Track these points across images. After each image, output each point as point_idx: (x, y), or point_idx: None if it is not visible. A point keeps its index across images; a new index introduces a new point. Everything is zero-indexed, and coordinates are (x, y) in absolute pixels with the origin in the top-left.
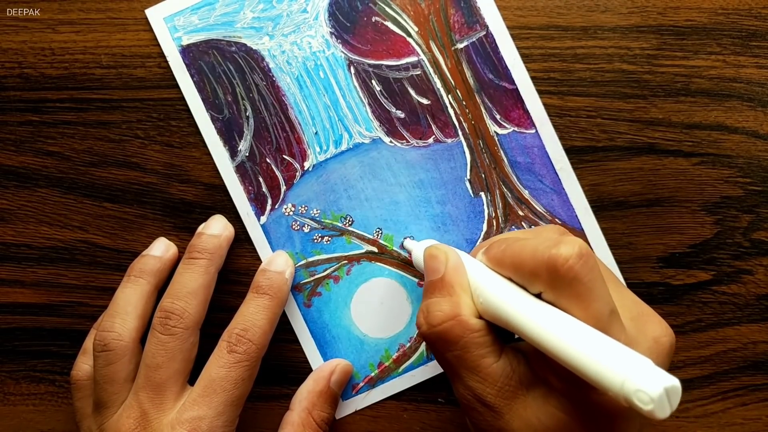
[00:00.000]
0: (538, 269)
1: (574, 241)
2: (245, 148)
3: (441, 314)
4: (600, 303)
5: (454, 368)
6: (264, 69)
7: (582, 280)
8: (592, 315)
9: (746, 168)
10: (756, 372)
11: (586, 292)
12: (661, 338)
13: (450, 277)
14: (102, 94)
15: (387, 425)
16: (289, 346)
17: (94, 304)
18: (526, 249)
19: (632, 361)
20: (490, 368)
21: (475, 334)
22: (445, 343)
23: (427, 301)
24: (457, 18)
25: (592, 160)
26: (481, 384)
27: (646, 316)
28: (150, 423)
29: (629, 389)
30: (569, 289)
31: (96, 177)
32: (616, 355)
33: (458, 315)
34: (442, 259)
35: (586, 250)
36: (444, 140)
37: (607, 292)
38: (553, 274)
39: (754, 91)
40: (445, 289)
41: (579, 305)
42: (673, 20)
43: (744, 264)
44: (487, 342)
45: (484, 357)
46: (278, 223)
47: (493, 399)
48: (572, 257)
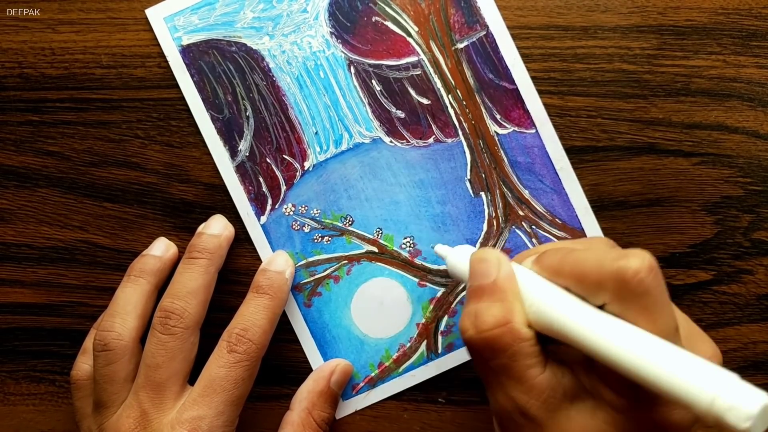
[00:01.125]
0: (605, 280)
1: (642, 253)
2: (245, 148)
3: (492, 319)
4: (668, 318)
5: (497, 377)
6: (264, 69)
7: (651, 293)
8: (660, 329)
9: (746, 168)
10: (756, 372)
11: (655, 306)
12: (711, 358)
13: (503, 282)
14: (102, 94)
15: (387, 425)
16: (289, 346)
17: (94, 304)
18: (589, 259)
19: (721, 378)
20: (536, 379)
21: (526, 343)
22: (492, 350)
23: (476, 305)
24: (457, 18)
25: (592, 160)
26: (526, 395)
27: (698, 335)
28: (150, 423)
29: (721, 406)
30: (637, 302)
31: (96, 177)
32: (702, 370)
33: (510, 322)
34: (494, 263)
35: (655, 263)
36: (444, 140)
37: (672, 308)
38: (621, 286)
39: (754, 91)
40: (497, 294)
41: (647, 319)
42: (673, 20)
43: (744, 264)
44: (536, 352)
45: (531, 367)
46: (278, 223)
47: (537, 411)
48: (643, 270)
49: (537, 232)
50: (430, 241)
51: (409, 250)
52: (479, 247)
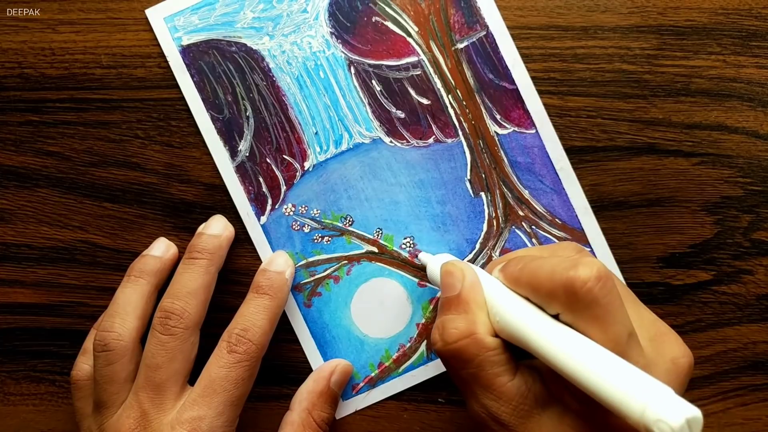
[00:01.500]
0: (556, 290)
1: (592, 262)
2: (245, 148)
3: (456, 332)
4: (619, 326)
5: (468, 386)
6: (264, 69)
7: (600, 302)
8: (610, 338)
9: (746, 168)
10: (756, 372)
11: (605, 315)
12: (679, 359)
13: (466, 294)
14: (102, 94)
15: (387, 425)
16: (289, 346)
17: (94, 304)
18: (543, 269)
19: (653, 389)
20: (505, 387)
21: (491, 352)
22: (460, 360)
23: (443, 318)
24: (457, 18)
25: (592, 160)
26: (496, 402)
27: (665, 335)
28: (150, 423)
29: (649, 418)
30: (587, 312)
31: (96, 177)
32: (636, 382)
33: (474, 333)
34: (458, 276)
35: (604, 272)
36: (444, 140)
37: (626, 315)
38: (571, 296)
39: (754, 91)
40: (461, 307)
41: (597, 328)
42: (673, 20)
43: (744, 264)
44: (503, 360)
45: (499, 375)
46: (278, 223)
47: (508, 417)
48: (591, 279)
49: (537, 233)
50: (430, 242)
51: (409, 250)
52: (479, 247)
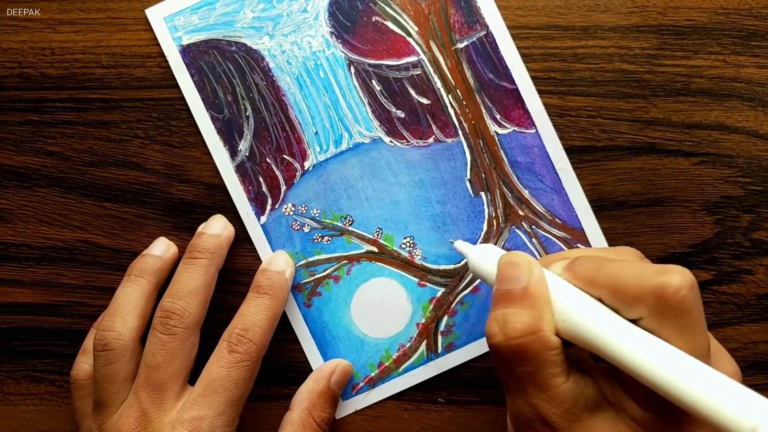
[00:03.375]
0: (644, 295)
1: (683, 270)
2: (245, 148)
3: (521, 327)
4: (703, 337)
5: (521, 384)
6: (264, 69)
7: (691, 312)
8: (695, 348)
9: (746, 168)
10: (756, 372)
11: (693, 325)
12: (734, 376)
13: (534, 288)
14: (102, 94)
15: (387, 425)
16: (289, 346)
17: (94, 304)
18: (626, 271)
19: (748, 398)
20: (560, 388)
21: (553, 351)
22: (520, 357)
23: (504, 311)
24: (457, 18)
25: (592, 159)
26: (548, 403)
27: (720, 351)
28: (150, 423)
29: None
30: (676, 320)
31: (96, 177)
32: (744, 397)
33: (540, 330)
34: (525, 269)
35: (695, 281)
36: (444, 140)
37: (706, 327)
38: (661, 302)
39: (754, 90)
40: (528, 301)
41: (684, 337)
42: (673, 20)
43: (744, 264)
44: (561, 361)
45: (556, 376)
46: (278, 222)
47: (557, 419)
48: (684, 287)
49: (537, 232)
50: (430, 241)
51: (409, 250)
52: None
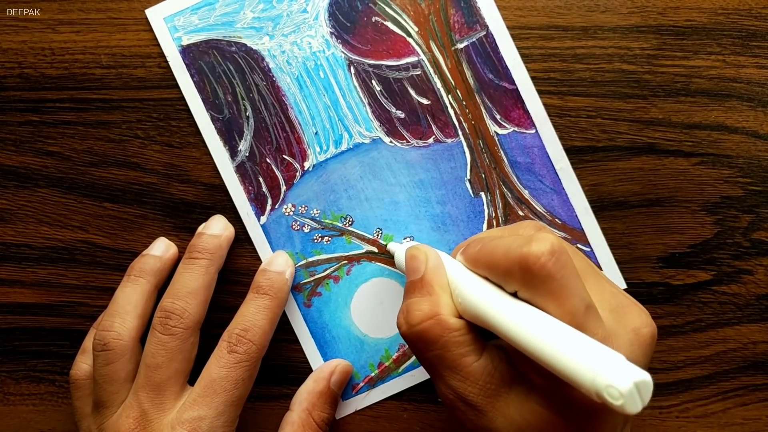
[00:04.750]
0: (512, 268)
1: (546, 237)
2: (245, 148)
3: (420, 314)
4: (575, 299)
5: (435, 368)
6: (264, 69)
7: (555, 277)
8: (567, 312)
9: (746, 168)
10: (756, 372)
11: (560, 289)
12: (641, 329)
13: (429, 276)
14: (102, 94)
15: (387, 425)
16: (289, 346)
17: (94, 304)
18: (499, 248)
19: (603, 357)
20: (470, 367)
21: (455, 333)
22: (425, 342)
23: (407, 301)
24: (457, 18)
25: (592, 160)
26: (463, 383)
27: (626, 307)
28: (150, 423)
29: (600, 385)
30: (543, 287)
31: (96, 177)
32: (588, 351)
33: (438, 314)
34: (422, 259)
35: (558, 245)
36: (444, 140)
37: (583, 287)
38: (526, 273)
39: (754, 91)
40: (425, 289)
41: (554, 302)
42: (673, 20)
43: (744, 264)
44: (468, 341)
45: (464, 356)
46: (278, 223)
47: (475, 398)
48: (544, 254)
49: None
50: (430, 241)
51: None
52: None
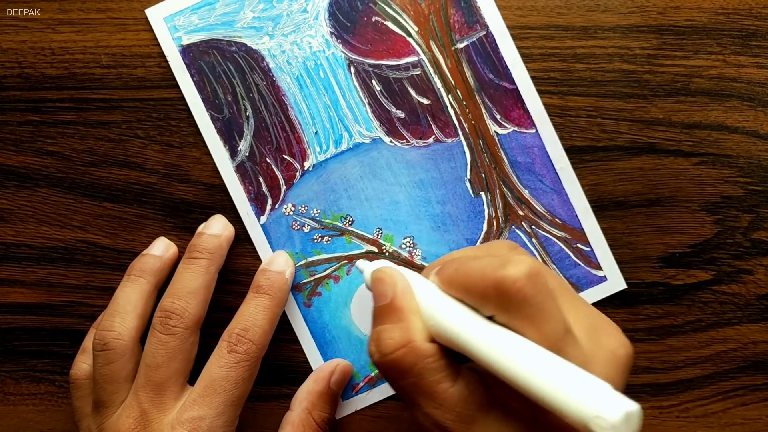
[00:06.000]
0: (488, 291)
1: (522, 260)
2: (245, 148)
3: (392, 342)
4: (553, 323)
5: (410, 395)
6: (264, 69)
7: (532, 301)
8: (545, 336)
9: (746, 168)
10: (756, 372)
11: (538, 313)
12: (617, 350)
13: (399, 302)
14: (102, 94)
15: (387, 425)
16: (289, 346)
17: (94, 304)
18: (475, 270)
19: (589, 386)
20: (446, 393)
21: (429, 359)
22: (398, 371)
23: (377, 329)
24: (457, 18)
25: (592, 160)
26: (439, 410)
27: (602, 327)
28: (150, 423)
29: (587, 415)
30: (520, 311)
31: (96, 177)
32: (572, 379)
33: (410, 341)
34: (389, 283)
35: (535, 268)
36: (444, 140)
37: (560, 310)
38: (502, 296)
39: (754, 90)
40: (395, 315)
41: (531, 327)
42: (673, 20)
43: (744, 264)
44: (442, 366)
45: (439, 382)
46: (278, 223)
47: (453, 424)
48: (521, 278)
49: (537, 232)
50: (430, 241)
51: (409, 250)
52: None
